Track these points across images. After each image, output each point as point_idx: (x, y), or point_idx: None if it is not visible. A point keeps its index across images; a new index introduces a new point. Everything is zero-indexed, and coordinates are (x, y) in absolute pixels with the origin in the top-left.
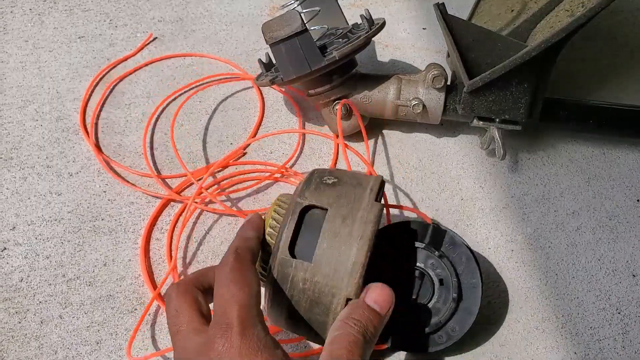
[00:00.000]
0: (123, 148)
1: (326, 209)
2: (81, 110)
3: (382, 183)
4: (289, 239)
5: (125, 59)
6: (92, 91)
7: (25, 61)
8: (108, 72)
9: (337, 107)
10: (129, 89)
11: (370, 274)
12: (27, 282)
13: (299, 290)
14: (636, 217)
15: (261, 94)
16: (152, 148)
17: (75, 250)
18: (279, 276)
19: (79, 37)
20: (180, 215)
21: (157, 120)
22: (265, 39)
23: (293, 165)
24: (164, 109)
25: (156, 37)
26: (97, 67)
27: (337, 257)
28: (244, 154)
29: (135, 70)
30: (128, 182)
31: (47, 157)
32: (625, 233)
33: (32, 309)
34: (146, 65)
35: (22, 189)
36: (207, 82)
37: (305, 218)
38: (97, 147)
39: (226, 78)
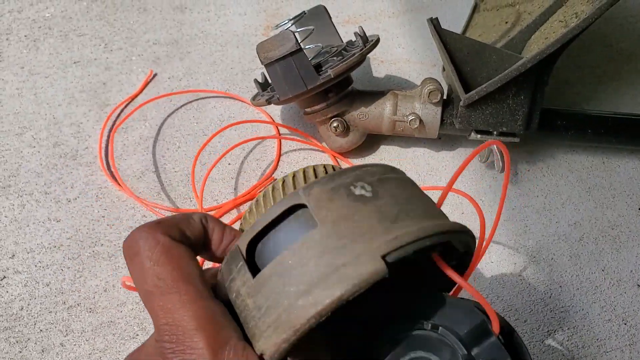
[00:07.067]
0: (121, 172)
1: (317, 224)
2: (100, 154)
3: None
4: (256, 231)
5: (131, 99)
6: (110, 135)
7: (21, 88)
8: (119, 114)
9: (334, 124)
10: (125, 111)
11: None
12: (27, 311)
13: (233, 299)
14: (638, 225)
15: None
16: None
17: (75, 276)
18: (224, 267)
19: (75, 62)
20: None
21: (155, 143)
22: (260, 59)
23: None
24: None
25: (156, 74)
26: (94, 91)
27: (280, 296)
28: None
29: (139, 107)
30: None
31: (45, 184)
32: (628, 242)
33: (32, 337)
34: (150, 102)
35: (20, 217)
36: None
37: (291, 217)
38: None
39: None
